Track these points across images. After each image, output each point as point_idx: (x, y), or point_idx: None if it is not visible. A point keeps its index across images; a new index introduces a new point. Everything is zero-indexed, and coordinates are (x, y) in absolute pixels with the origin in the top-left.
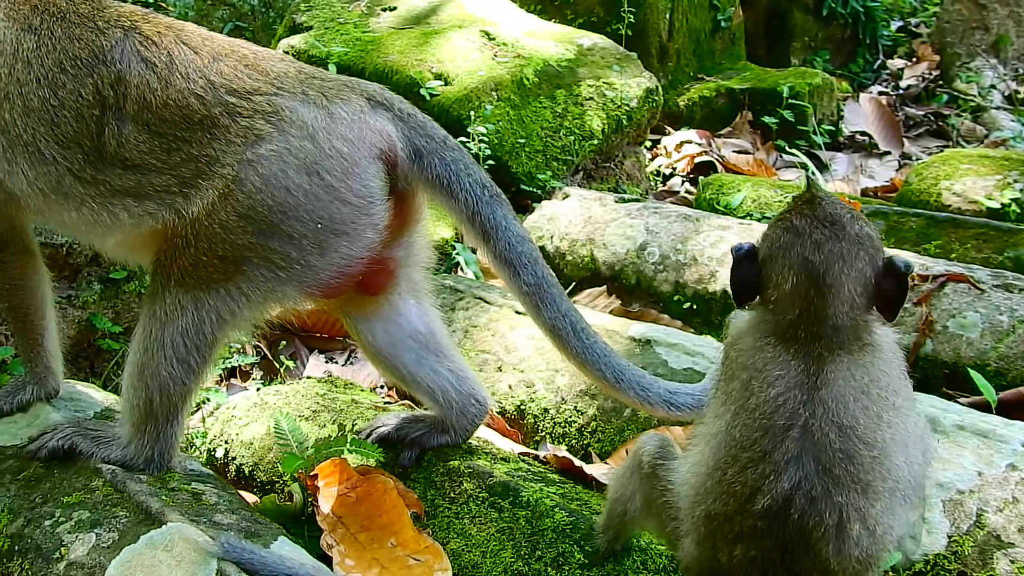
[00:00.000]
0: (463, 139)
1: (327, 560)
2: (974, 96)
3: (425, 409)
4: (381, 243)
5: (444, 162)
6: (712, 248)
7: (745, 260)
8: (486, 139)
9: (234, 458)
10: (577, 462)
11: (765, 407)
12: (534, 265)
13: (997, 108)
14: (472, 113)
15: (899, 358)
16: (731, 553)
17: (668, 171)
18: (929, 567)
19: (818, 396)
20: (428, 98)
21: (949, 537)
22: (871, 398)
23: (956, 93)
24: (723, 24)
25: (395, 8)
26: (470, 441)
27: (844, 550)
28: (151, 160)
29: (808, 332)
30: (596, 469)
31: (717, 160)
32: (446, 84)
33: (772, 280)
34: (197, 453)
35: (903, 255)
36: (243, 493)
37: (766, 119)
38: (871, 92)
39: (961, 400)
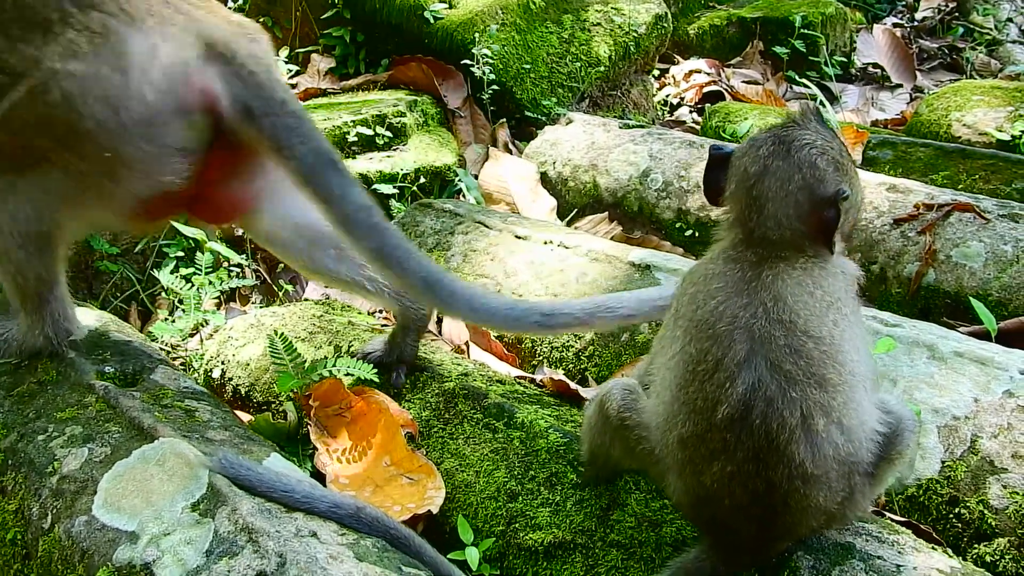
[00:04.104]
0: (468, 63)
1: (321, 478)
2: (990, 29)
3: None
4: (206, 184)
5: (276, 127)
6: None
7: (719, 162)
8: (491, 63)
9: (231, 379)
10: (573, 386)
11: (710, 317)
12: (374, 231)
13: (1013, 42)
14: (477, 36)
15: (847, 280)
16: (711, 473)
17: (676, 101)
18: (922, 491)
19: (757, 298)
20: (432, 21)
21: (942, 462)
22: (813, 297)
23: (972, 26)
24: None
25: None
26: (466, 363)
27: (817, 450)
28: None
29: (745, 240)
30: (590, 393)
31: (726, 90)
32: (450, 7)
33: (727, 184)
34: (195, 375)
35: (908, 184)
36: (239, 413)
37: (777, 49)
38: (885, 24)
39: (961, 329)
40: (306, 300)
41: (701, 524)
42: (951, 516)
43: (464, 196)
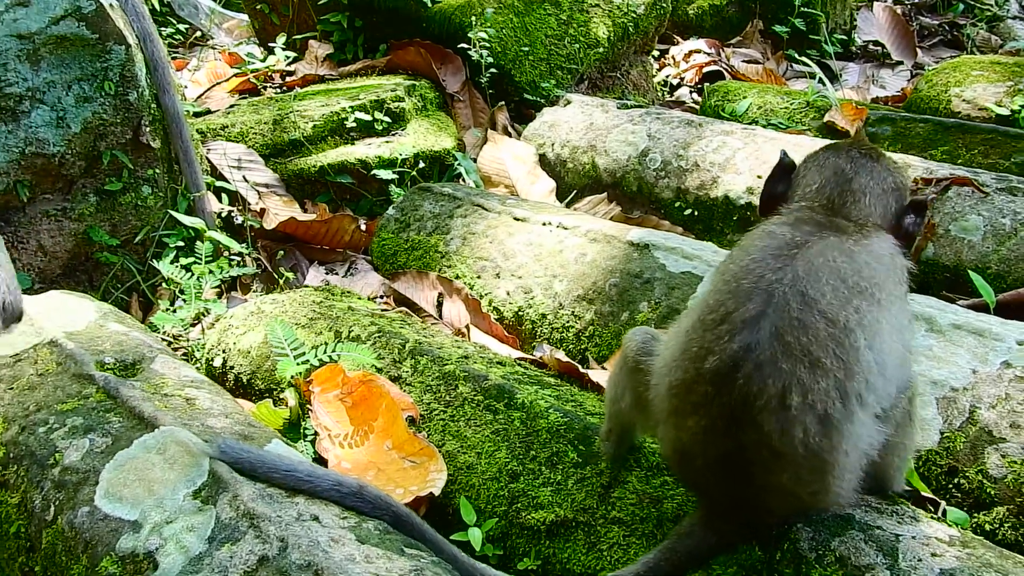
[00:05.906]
0: (465, 46)
1: (323, 463)
2: (990, 5)
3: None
4: None
5: None
6: (714, 154)
7: (785, 172)
8: (488, 46)
9: (232, 367)
10: (582, 369)
11: (739, 272)
12: None
13: (1013, 18)
14: (474, 19)
15: (895, 264)
16: (687, 426)
17: (675, 81)
18: (921, 463)
19: (792, 264)
20: (429, 5)
21: (941, 434)
22: (845, 283)
23: (972, 2)
24: None
25: None
26: (466, 346)
27: (787, 428)
28: None
29: (817, 220)
30: (595, 374)
31: (726, 70)
32: None
33: (799, 187)
34: (197, 364)
35: (907, 159)
36: (241, 401)
37: (777, 28)
38: (885, 1)
39: (960, 302)
40: (306, 287)
41: (683, 481)
42: (950, 486)
43: (463, 180)
